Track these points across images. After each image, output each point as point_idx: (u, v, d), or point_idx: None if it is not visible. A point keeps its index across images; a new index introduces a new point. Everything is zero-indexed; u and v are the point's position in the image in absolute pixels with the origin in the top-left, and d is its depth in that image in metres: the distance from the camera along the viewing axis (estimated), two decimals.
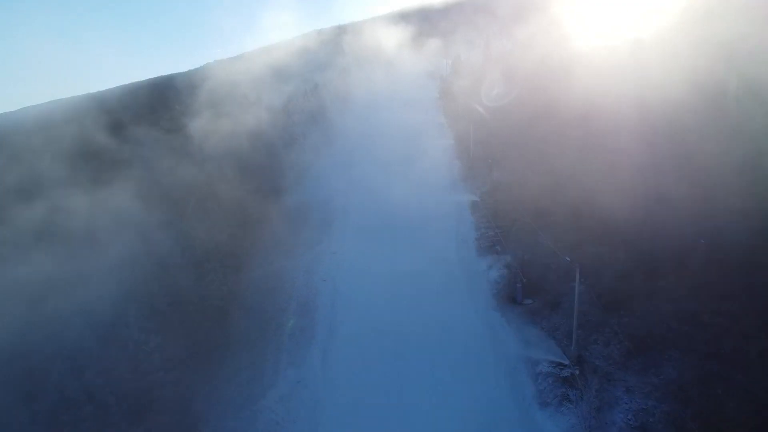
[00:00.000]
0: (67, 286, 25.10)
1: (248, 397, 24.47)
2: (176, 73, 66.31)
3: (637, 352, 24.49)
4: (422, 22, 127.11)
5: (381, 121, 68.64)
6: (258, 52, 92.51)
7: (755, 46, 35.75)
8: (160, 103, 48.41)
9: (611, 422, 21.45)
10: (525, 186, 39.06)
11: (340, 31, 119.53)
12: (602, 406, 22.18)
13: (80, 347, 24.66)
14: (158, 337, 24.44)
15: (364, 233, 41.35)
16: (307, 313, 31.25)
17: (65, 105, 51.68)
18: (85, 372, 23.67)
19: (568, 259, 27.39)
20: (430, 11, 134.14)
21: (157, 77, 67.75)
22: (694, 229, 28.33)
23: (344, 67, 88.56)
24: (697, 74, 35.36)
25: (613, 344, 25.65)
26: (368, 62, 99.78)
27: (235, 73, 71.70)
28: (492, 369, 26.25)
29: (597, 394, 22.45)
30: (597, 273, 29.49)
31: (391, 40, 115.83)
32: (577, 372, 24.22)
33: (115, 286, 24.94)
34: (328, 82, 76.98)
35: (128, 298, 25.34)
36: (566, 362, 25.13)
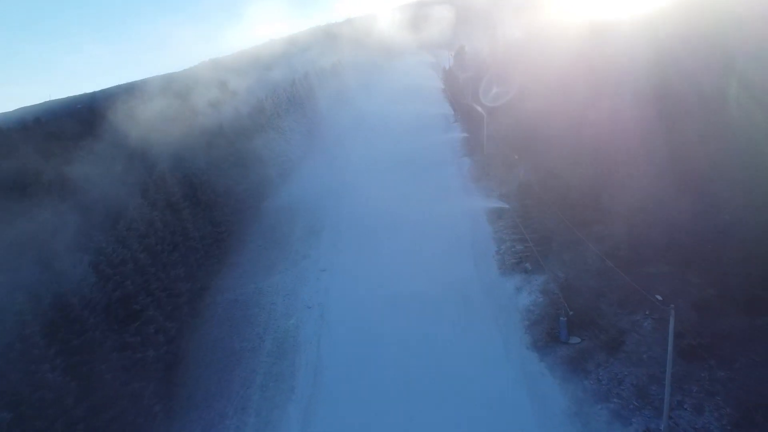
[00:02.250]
0: None
1: None
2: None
3: (748, 425, 17.26)
4: (423, 13, 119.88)
5: (380, 113, 61.33)
6: (255, 46, 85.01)
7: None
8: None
9: None
10: (559, 188, 31.77)
11: (334, 26, 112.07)
12: None
13: None
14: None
15: (359, 245, 34.00)
16: (285, 355, 23.90)
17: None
18: None
19: (660, 297, 20.05)
20: (431, 2, 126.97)
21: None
22: None
23: (340, 58, 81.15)
24: None
25: (709, 411, 18.39)
26: (366, 53, 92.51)
27: (222, 68, 64.46)
28: None
29: None
30: (668, 301, 22.25)
31: (390, 30, 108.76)
32: None
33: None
34: (320, 71, 69.50)
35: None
36: None
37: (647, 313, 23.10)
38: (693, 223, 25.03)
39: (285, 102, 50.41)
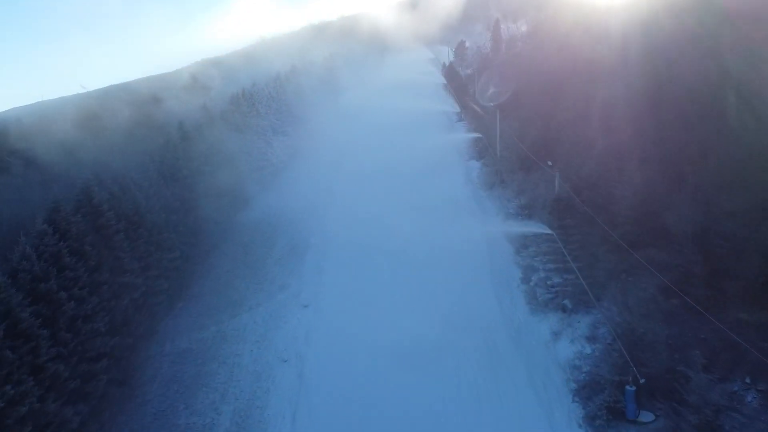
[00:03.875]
0: None
1: None
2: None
3: None
4: (421, 8, 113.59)
5: (376, 111, 54.81)
6: (247, 46, 77.84)
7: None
8: None
9: None
10: (597, 200, 25.36)
11: (328, 23, 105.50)
12: None
13: None
14: None
15: (350, 272, 27.46)
16: None
17: None
18: None
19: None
20: None
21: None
22: None
23: (332, 51, 74.54)
24: None
25: None
26: (361, 47, 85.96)
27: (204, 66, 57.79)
28: None
29: None
30: None
31: (387, 25, 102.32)
32: None
33: None
34: (309, 64, 62.90)
35: None
36: None
37: (748, 381, 16.74)
38: None
39: (266, 98, 43.84)
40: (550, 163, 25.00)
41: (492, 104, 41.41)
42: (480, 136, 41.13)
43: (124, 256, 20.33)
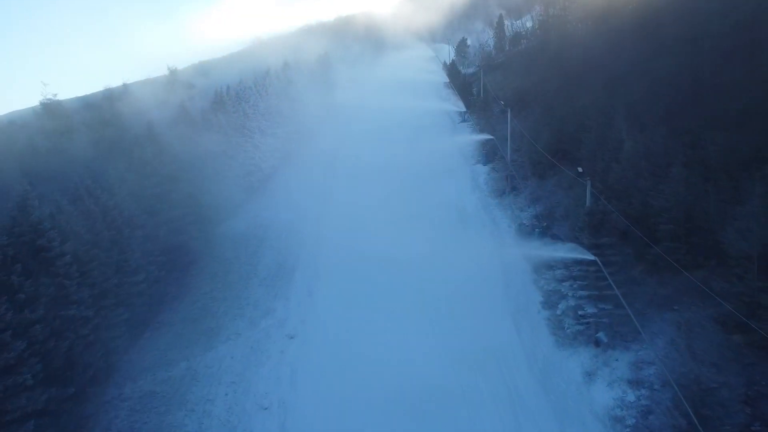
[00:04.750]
0: None
1: None
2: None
3: None
4: (421, 6, 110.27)
5: (374, 111, 51.31)
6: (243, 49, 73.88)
7: None
8: None
9: None
10: (633, 213, 21.81)
11: (325, 24, 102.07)
12: None
13: None
14: None
15: (345, 295, 23.87)
16: None
17: None
18: None
19: None
20: None
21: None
22: None
23: (328, 49, 71.01)
24: None
25: None
26: (359, 45, 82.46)
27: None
28: None
29: None
30: None
31: (386, 23, 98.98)
32: None
33: None
34: (303, 62, 59.36)
35: None
36: None
37: None
38: None
39: (254, 97, 40.28)
40: (580, 169, 21.45)
41: (502, 103, 37.80)
42: (487, 137, 37.54)
43: (69, 284, 16.73)
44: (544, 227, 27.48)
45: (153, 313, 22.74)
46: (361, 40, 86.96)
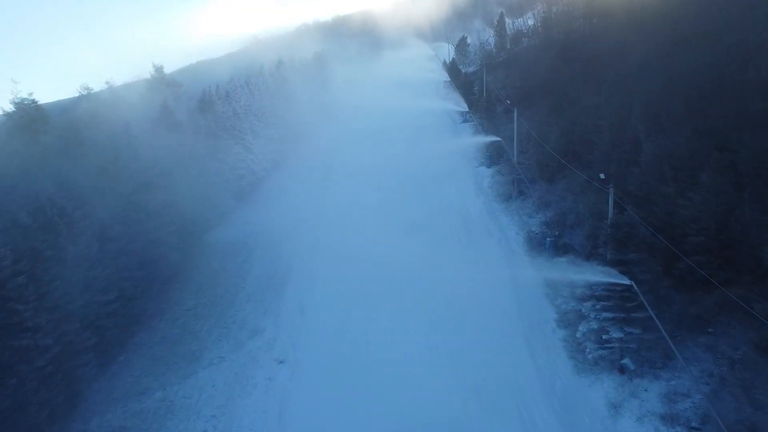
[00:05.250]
0: None
1: None
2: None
3: None
4: (420, 4, 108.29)
5: (372, 111, 49.21)
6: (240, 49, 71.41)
7: None
8: None
9: None
10: (657, 225, 19.73)
11: (322, 23, 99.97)
12: None
13: None
14: None
15: (341, 313, 21.75)
16: None
17: None
18: None
19: None
20: None
21: None
22: None
23: (325, 48, 68.93)
24: None
25: None
26: (357, 44, 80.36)
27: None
28: None
29: None
30: None
31: (384, 21, 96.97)
32: None
33: None
34: (299, 61, 57.23)
35: None
36: None
37: None
38: None
39: (246, 97, 38.16)
40: (602, 175, 19.35)
41: (508, 102, 35.74)
42: (493, 139, 35.46)
43: (24, 310, 14.61)
44: (555, 236, 25.41)
45: (127, 334, 20.60)
46: (359, 39, 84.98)
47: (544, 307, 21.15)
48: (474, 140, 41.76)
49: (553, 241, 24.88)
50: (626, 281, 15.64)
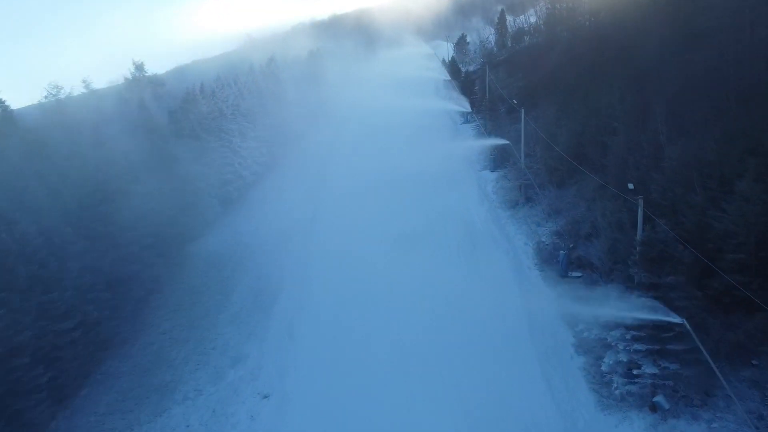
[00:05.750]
0: None
1: None
2: None
3: None
4: (418, 2, 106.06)
5: (368, 112, 46.91)
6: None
7: None
8: None
9: None
10: (687, 238, 17.56)
11: (319, 22, 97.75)
12: None
13: None
14: None
15: (335, 338, 19.50)
16: None
17: None
18: None
19: None
20: None
21: None
22: None
23: (320, 46, 66.69)
24: None
25: None
26: (354, 42, 78.08)
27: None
28: None
29: None
30: None
31: (382, 19, 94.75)
32: None
33: None
34: (292, 59, 54.95)
35: None
36: None
37: None
38: None
39: (235, 96, 35.87)
40: (631, 185, 17.16)
41: (515, 102, 33.56)
42: (500, 141, 33.27)
43: None
44: (569, 248, 23.24)
45: (93, 363, 18.33)
46: (356, 37, 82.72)
47: (559, 331, 18.97)
48: (477, 142, 39.46)
49: (567, 255, 22.71)
50: (677, 319, 13.39)
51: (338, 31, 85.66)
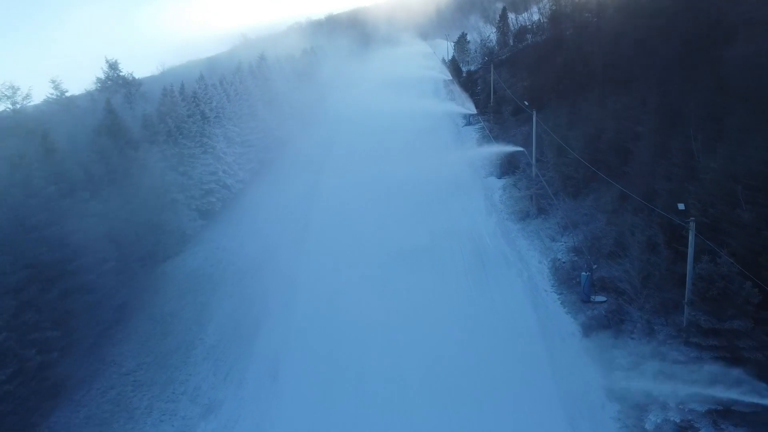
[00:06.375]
0: None
1: None
2: None
3: None
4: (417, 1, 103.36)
5: (364, 114, 44.16)
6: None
7: None
8: None
9: None
10: (749, 256, 14.80)
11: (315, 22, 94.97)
12: None
13: None
14: None
15: (325, 377, 16.67)
16: None
17: None
18: None
19: None
20: None
21: None
22: None
23: (314, 44, 63.86)
24: None
25: None
26: (351, 41, 75.33)
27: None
28: None
29: None
30: None
31: (381, 18, 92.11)
32: None
33: None
34: (284, 57, 52.08)
35: None
36: None
37: None
38: None
39: (220, 98, 33.04)
40: (682, 206, 14.39)
41: (526, 103, 30.80)
42: (510, 148, 30.50)
43: None
44: (592, 269, 20.49)
45: (39, 415, 15.42)
46: (353, 36, 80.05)
47: (587, 371, 16.19)
48: (486, 149, 36.33)
49: (589, 277, 19.96)
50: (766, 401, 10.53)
51: (335, 30, 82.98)
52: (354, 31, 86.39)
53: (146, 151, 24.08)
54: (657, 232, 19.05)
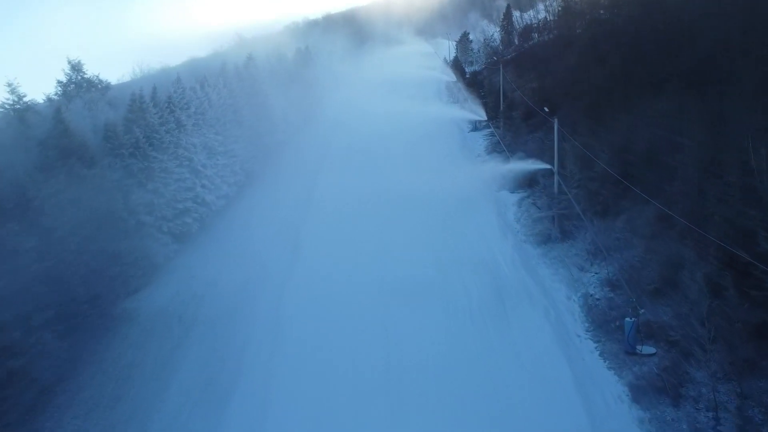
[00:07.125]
0: None
1: None
2: None
3: None
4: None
5: (361, 120, 40.61)
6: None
7: None
8: None
9: None
10: None
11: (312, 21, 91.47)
12: None
13: None
14: None
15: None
16: None
17: None
18: None
19: None
20: None
21: None
22: None
23: (309, 44, 60.30)
24: None
25: None
26: (348, 40, 71.82)
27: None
28: None
29: None
30: None
31: (380, 17, 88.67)
32: None
33: None
34: (275, 58, 48.50)
35: None
36: None
37: None
38: None
39: (199, 102, 29.45)
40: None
41: (546, 110, 27.28)
42: (529, 163, 26.94)
43: None
44: (639, 314, 16.93)
45: None
46: (350, 35, 76.53)
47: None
48: (502, 165, 32.36)
49: (635, 323, 16.42)
50: None
51: (333, 29, 79.48)
52: (352, 29, 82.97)
53: (107, 168, 20.50)
54: (716, 267, 15.59)
